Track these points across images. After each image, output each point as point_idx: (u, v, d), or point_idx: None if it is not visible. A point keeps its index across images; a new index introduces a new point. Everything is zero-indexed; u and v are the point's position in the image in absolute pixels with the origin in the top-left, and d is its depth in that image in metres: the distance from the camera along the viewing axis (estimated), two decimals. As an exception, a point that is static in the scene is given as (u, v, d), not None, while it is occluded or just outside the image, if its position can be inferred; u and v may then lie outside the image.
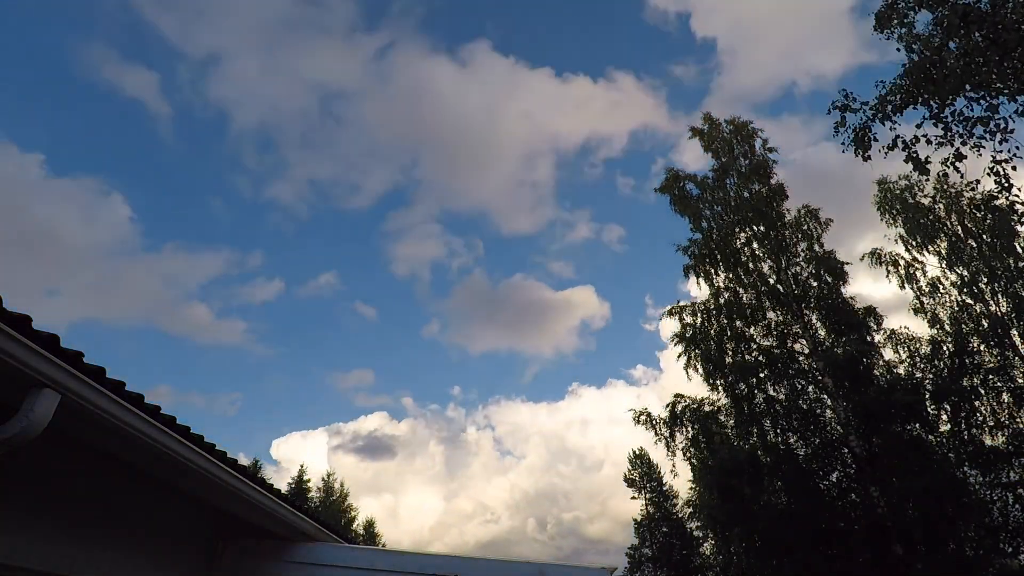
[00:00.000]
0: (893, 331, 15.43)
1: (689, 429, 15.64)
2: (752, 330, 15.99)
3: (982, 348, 15.38)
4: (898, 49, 8.70)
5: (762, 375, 14.96)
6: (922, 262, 17.72)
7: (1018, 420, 14.14)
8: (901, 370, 14.74)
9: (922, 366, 14.85)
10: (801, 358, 15.18)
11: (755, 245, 16.88)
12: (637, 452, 38.29)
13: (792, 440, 14.44)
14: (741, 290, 16.64)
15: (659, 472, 36.99)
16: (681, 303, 17.21)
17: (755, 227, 16.90)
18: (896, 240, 18.36)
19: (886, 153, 8.34)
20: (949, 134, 7.76)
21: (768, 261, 16.60)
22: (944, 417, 13.95)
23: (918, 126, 8.02)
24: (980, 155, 7.69)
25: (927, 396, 13.85)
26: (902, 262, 17.91)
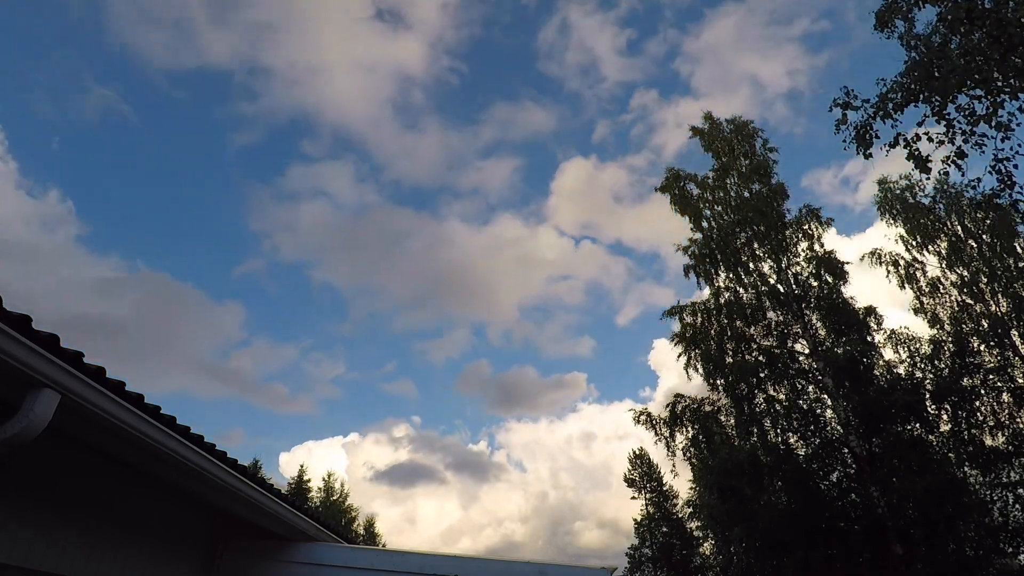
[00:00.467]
0: (893, 331, 15.44)
1: (689, 429, 15.62)
2: (752, 330, 15.98)
3: (982, 348, 15.37)
4: (902, 45, 8.69)
5: (762, 375, 14.94)
6: (922, 262, 17.72)
7: (1018, 420, 14.14)
8: (901, 370, 14.73)
9: (922, 366, 14.84)
10: (801, 358, 15.17)
11: (755, 245, 16.87)
12: (637, 452, 38.34)
13: (792, 440, 14.43)
14: (741, 290, 16.63)
15: (659, 472, 37.03)
16: (681, 303, 17.21)
17: (755, 227, 16.89)
18: (896, 240, 18.37)
19: (887, 151, 8.34)
20: (951, 132, 7.75)
21: (768, 261, 16.59)
22: (944, 417, 13.95)
23: (919, 124, 8.02)
24: (982, 153, 7.69)
25: (927, 396, 13.85)
26: (902, 262, 17.90)
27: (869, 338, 15.04)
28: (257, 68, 62.78)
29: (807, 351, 15.21)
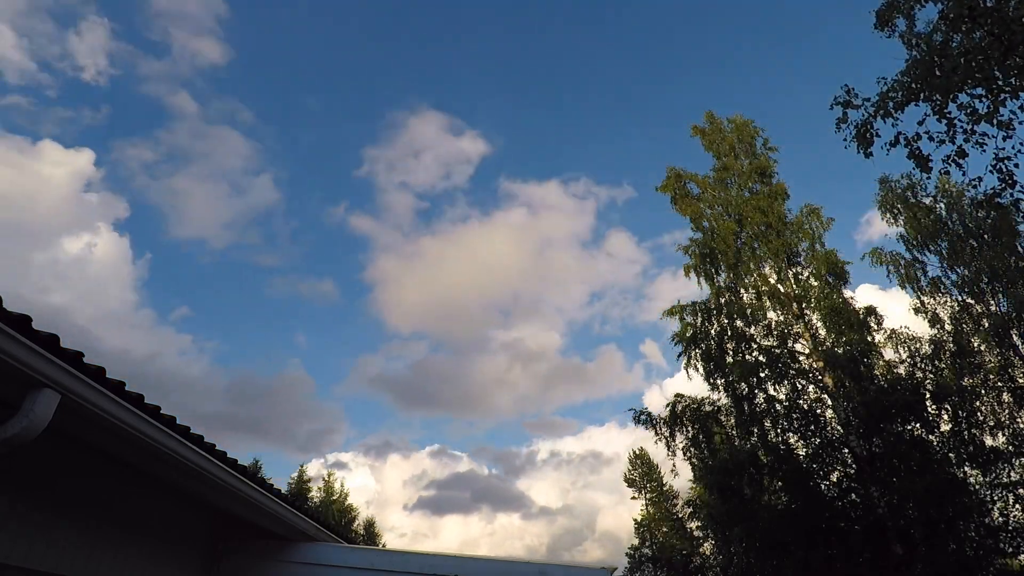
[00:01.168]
0: (893, 331, 15.43)
1: (689, 429, 15.62)
2: (752, 330, 15.98)
3: (982, 348, 15.37)
4: (903, 44, 8.68)
5: (762, 375, 14.94)
6: (923, 262, 17.72)
7: (1018, 420, 14.14)
8: (901, 370, 14.72)
9: (922, 366, 14.83)
10: (801, 358, 15.17)
11: (755, 245, 16.87)
12: (637, 452, 38.34)
13: (792, 440, 14.43)
14: (741, 290, 16.63)
15: (659, 472, 37.03)
16: (681, 303, 17.22)
17: (756, 227, 16.89)
18: (897, 239, 18.38)
19: (888, 150, 8.32)
20: (952, 131, 7.74)
21: (768, 261, 16.59)
22: (944, 417, 13.93)
23: (920, 123, 8.01)
24: (983, 152, 7.68)
25: (927, 396, 13.83)
26: (902, 262, 17.90)
27: (869, 338, 15.03)
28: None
29: (807, 351, 15.21)
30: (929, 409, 13.71)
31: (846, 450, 13.89)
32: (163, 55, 73.26)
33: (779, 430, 14.50)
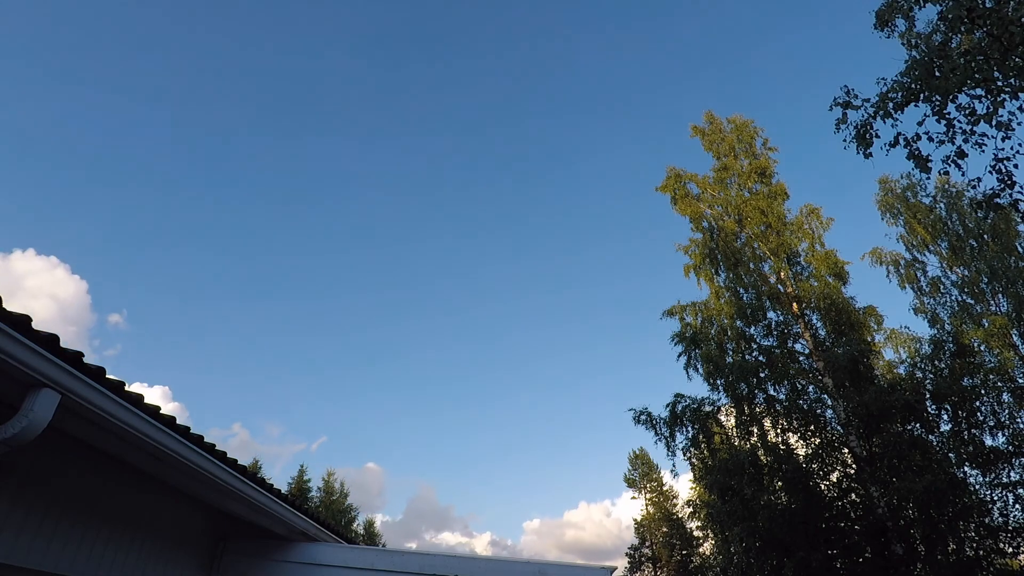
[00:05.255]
0: (893, 331, 15.44)
1: (689, 429, 15.63)
2: (752, 330, 15.99)
3: (982, 348, 15.37)
4: (903, 44, 8.71)
5: (762, 375, 14.94)
6: (923, 262, 17.73)
7: (1018, 420, 14.12)
8: (901, 370, 14.72)
9: (922, 366, 14.84)
10: (801, 358, 15.17)
11: (755, 245, 16.87)
12: (637, 452, 38.37)
13: (792, 440, 14.44)
14: (741, 290, 16.64)
15: (659, 472, 37.06)
16: (681, 303, 17.23)
17: (756, 227, 16.90)
18: (897, 240, 18.40)
19: (888, 150, 8.33)
20: (951, 131, 7.76)
21: (768, 261, 16.60)
22: (944, 417, 13.94)
23: (920, 124, 8.02)
24: (983, 152, 7.69)
25: (927, 396, 13.84)
26: (902, 262, 17.92)
27: (869, 338, 15.04)
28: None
29: (807, 351, 15.21)
30: (929, 409, 13.71)
31: (846, 450, 13.89)
32: None
33: (779, 430, 14.50)
